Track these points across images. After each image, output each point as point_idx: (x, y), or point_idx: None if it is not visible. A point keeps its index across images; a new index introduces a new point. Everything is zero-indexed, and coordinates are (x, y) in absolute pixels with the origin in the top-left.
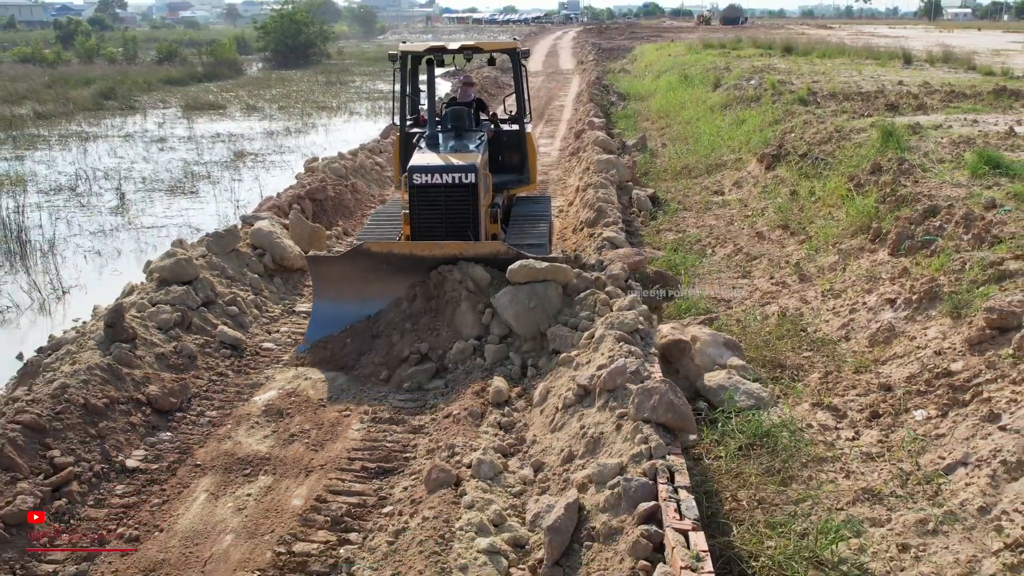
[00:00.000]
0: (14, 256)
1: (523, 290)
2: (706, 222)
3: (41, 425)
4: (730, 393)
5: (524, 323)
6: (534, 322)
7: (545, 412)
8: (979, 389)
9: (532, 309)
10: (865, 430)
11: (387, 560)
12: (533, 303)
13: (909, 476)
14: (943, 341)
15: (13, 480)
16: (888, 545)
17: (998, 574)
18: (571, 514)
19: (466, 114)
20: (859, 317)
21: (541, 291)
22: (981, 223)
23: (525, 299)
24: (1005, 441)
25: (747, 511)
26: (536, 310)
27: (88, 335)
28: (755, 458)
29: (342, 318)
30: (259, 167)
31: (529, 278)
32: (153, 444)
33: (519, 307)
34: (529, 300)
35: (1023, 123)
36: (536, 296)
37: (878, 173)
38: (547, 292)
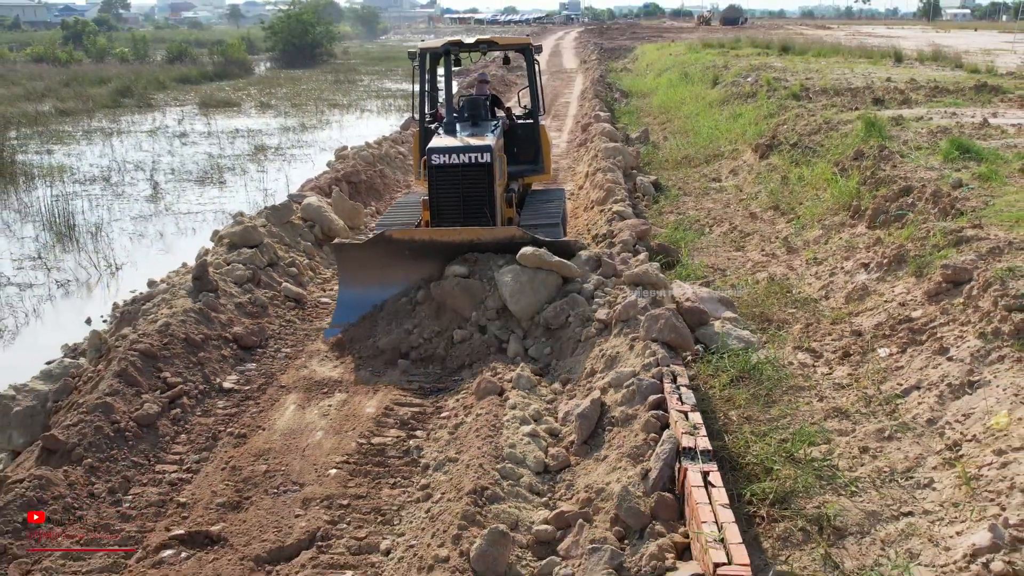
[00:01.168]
0: (64, 238)
1: (527, 272)
2: (704, 205)
3: (154, 352)
4: (723, 338)
5: (520, 303)
6: (530, 304)
7: (567, 347)
8: (934, 331)
9: (531, 291)
10: (837, 366)
11: (450, 444)
12: (533, 286)
13: (872, 399)
14: (907, 295)
15: (138, 393)
16: (851, 448)
17: (938, 466)
18: (595, 407)
19: (482, 103)
20: (837, 279)
21: (543, 277)
22: (947, 199)
23: (527, 281)
24: (951, 368)
25: (737, 425)
26: (535, 293)
27: (178, 287)
28: (744, 387)
29: (366, 303)
30: (280, 160)
31: (537, 265)
32: (242, 371)
33: (518, 287)
34: (531, 283)
35: (998, 115)
36: (537, 281)
37: (860, 159)
38: (547, 279)
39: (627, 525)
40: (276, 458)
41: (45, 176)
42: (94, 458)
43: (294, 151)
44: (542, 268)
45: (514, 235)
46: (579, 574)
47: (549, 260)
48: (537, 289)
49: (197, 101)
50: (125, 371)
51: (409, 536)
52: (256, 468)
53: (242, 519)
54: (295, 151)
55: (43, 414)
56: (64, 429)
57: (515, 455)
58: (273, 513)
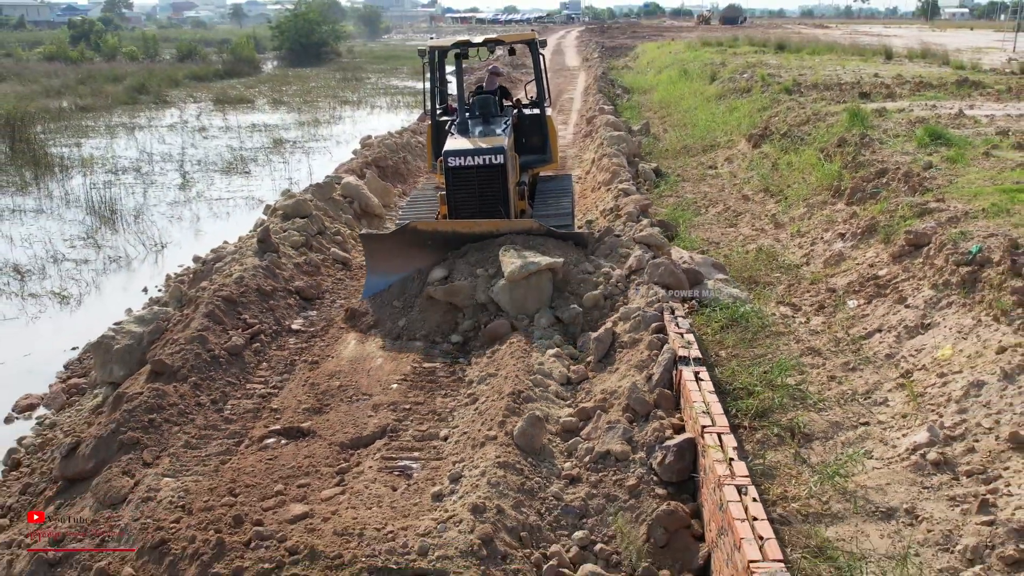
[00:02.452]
0: (108, 221)
1: (520, 285)
2: (701, 190)
3: (234, 298)
4: (716, 294)
5: (518, 308)
6: (532, 308)
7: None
8: (896, 285)
9: (527, 298)
10: (813, 317)
11: (489, 365)
12: (528, 293)
13: (840, 340)
14: (875, 258)
15: (224, 330)
16: (821, 377)
17: (892, 389)
18: (608, 334)
19: (492, 102)
20: (817, 248)
21: (535, 281)
22: (917, 179)
23: (521, 293)
24: (908, 314)
25: (726, 360)
26: (532, 299)
27: (245, 249)
28: (732, 332)
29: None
30: (300, 152)
31: (527, 275)
32: (306, 317)
33: (516, 298)
34: (525, 292)
35: (974, 107)
36: (531, 287)
37: (843, 145)
38: (540, 281)
39: (635, 411)
40: (346, 377)
41: (79, 167)
42: (196, 377)
43: (312, 144)
44: (532, 275)
45: (531, 227)
46: (598, 446)
47: (534, 268)
48: (532, 294)
49: (211, 98)
50: (213, 312)
51: (462, 427)
52: (331, 384)
53: (325, 419)
54: (313, 144)
55: (139, 351)
56: (169, 356)
57: (543, 370)
58: (350, 415)
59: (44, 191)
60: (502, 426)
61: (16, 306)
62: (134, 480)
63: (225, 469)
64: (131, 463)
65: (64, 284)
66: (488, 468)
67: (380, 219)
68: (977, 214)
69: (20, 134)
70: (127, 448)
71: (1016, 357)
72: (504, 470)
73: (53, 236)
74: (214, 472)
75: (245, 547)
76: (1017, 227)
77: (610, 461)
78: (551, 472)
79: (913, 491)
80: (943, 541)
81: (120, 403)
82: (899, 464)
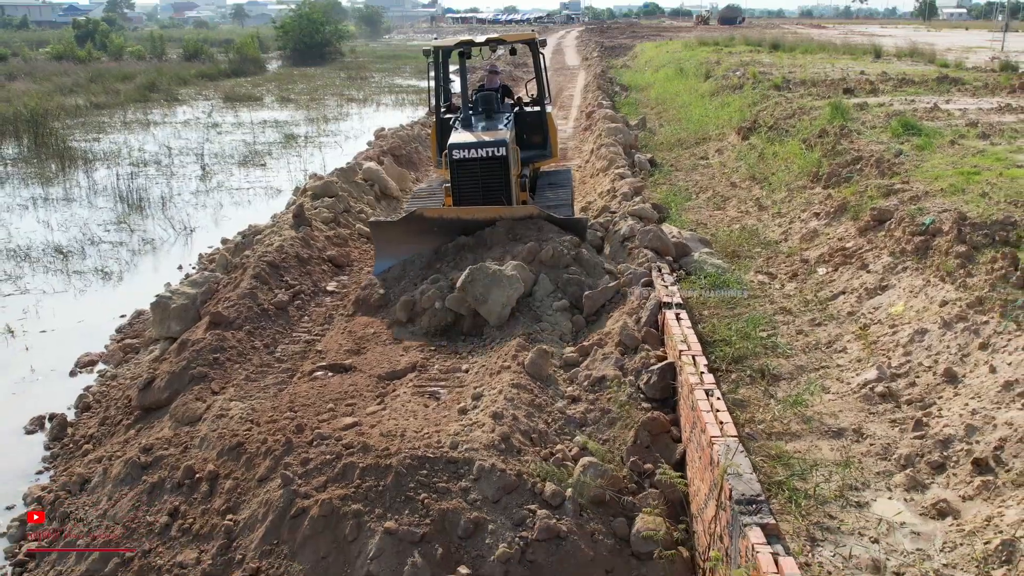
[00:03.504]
0: (137, 208)
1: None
2: (692, 178)
3: (276, 263)
4: (701, 264)
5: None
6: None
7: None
8: (861, 255)
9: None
10: (787, 283)
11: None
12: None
13: (809, 301)
14: (844, 233)
15: (270, 288)
16: (790, 331)
17: (851, 340)
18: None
19: (494, 98)
20: (795, 226)
21: (507, 284)
22: (887, 164)
23: (500, 297)
24: (868, 278)
25: (707, 318)
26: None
27: (281, 223)
28: (714, 294)
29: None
30: (312, 146)
31: (497, 283)
32: (339, 281)
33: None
34: (503, 299)
35: (950, 102)
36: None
37: (824, 136)
38: (512, 286)
39: (626, 346)
40: (379, 326)
41: (102, 160)
42: (250, 326)
43: (323, 139)
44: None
45: (532, 213)
46: (595, 372)
47: (505, 276)
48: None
49: (221, 96)
50: (259, 274)
51: (481, 361)
52: (366, 332)
53: (363, 358)
54: (324, 139)
55: (193, 309)
56: (225, 309)
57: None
58: (384, 355)
59: (73, 181)
60: (515, 358)
61: (63, 281)
62: (206, 404)
63: (283, 395)
64: (202, 392)
65: (104, 263)
66: (504, 388)
67: (398, 200)
68: (936, 193)
69: (42, 129)
70: (197, 380)
71: (955, 309)
72: (517, 389)
73: (87, 222)
74: (274, 397)
75: (309, 445)
76: (967, 203)
77: (604, 384)
78: (556, 394)
79: (861, 416)
80: (882, 452)
81: (185, 348)
82: (851, 396)
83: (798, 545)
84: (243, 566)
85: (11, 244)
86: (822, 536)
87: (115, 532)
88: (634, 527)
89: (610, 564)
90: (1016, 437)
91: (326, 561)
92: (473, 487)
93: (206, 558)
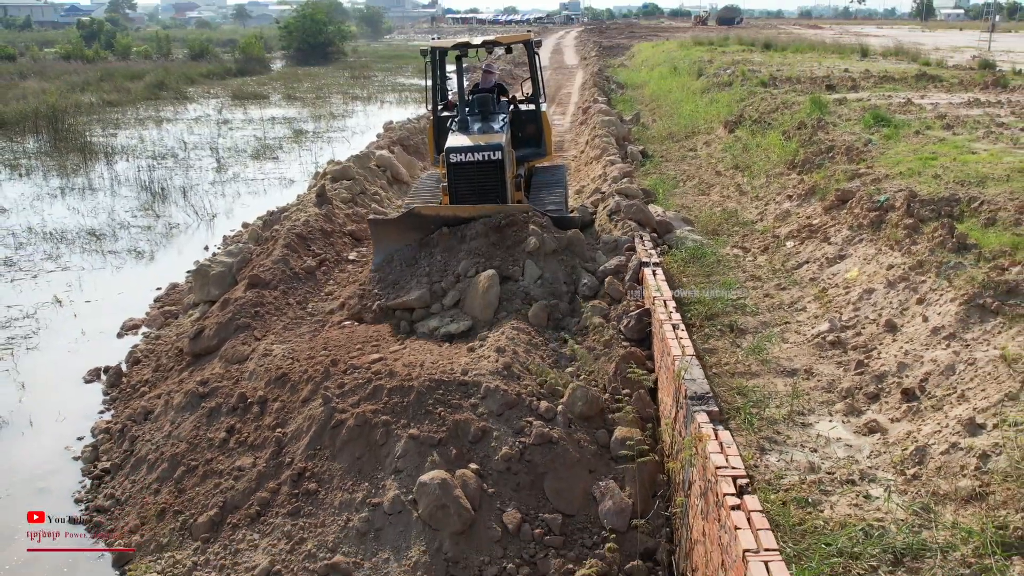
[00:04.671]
0: (160, 197)
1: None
2: (681, 168)
3: (303, 234)
4: (682, 239)
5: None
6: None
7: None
8: (824, 230)
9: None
10: (759, 256)
11: None
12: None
13: (777, 270)
14: (812, 211)
15: (299, 256)
16: (758, 294)
17: (811, 301)
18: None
19: (490, 100)
20: (770, 208)
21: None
22: (856, 152)
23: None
24: (829, 249)
25: (686, 284)
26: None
27: (305, 202)
28: (693, 265)
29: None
30: (320, 141)
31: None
32: (359, 251)
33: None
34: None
35: (924, 97)
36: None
37: (802, 128)
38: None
39: (612, 298)
40: None
41: (121, 153)
42: (283, 287)
43: (330, 134)
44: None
45: (525, 211)
46: (584, 322)
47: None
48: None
49: (228, 94)
50: (290, 243)
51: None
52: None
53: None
54: (331, 134)
55: (230, 275)
56: (261, 272)
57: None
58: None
59: (96, 173)
60: (513, 327)
61: (100, 260)
62: (251, 347)
63: (317, 339)
64: (246, 338)
65: (135, 244)
66: (507, 331)
67: (408, 185)
68: (895, 176)
69: (61, 124)
70: (241, 329)
71: (899, 271)
72: (517, 331)
73: (114, 208)
74: (309, 341)
75: (343, 373)
76: (920, 184)
77: (592, 329)
78: (551, 338)
79: (812, 359)
80: (827, 387)
81: (228, 304)
82: (805, 345)
83: (749, 453)
84: (292, 467)
85: (47, 228)
86: (770, 447)
87: (180, 448)
88: (613, 436)
89: (593, 465)
90: (938, 371)
91: (361, 461)
92: (481, 403)
93: (260, 462)
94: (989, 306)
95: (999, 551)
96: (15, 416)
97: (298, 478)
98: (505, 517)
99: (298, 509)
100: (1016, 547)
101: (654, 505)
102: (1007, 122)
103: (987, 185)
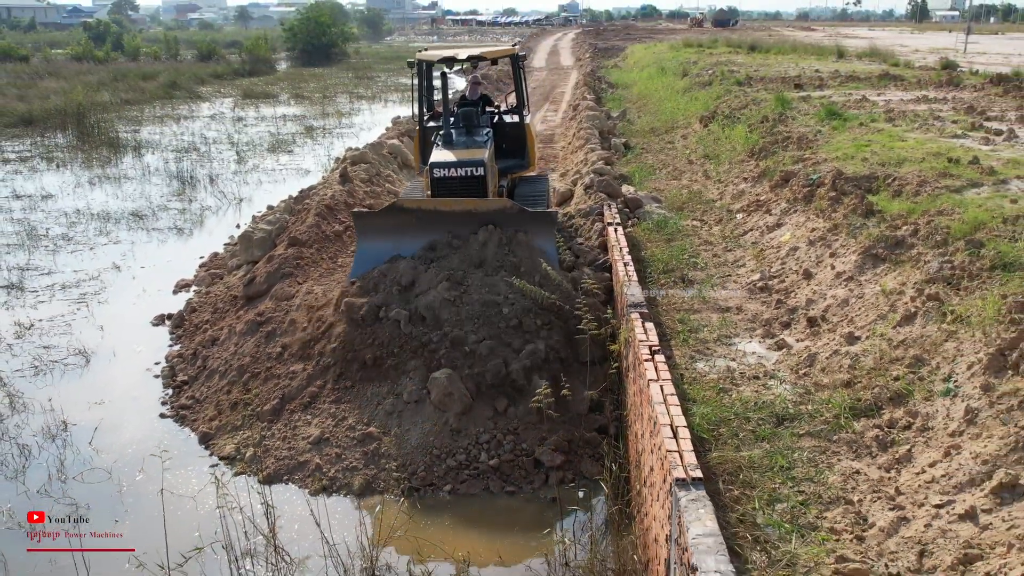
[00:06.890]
0: (189, 185)
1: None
2: (659, 158)
3: (331, 206)
4: (650, 214)
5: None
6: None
7: None
8: (768, 204)
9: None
10: (714, 226)
11: None
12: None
13: (726, 237)
14: (761, 190)
15: (328, 223)
16: (708, 255)
17: (749, 260)
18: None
19: (474, 114)
20: (728, 188)
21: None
22: (806, 141)
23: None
24: (770, 219)
25: (650, 250)
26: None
27: (330, 181)
28: (657, 234)
29: (380, 259)
30: (331, 136)
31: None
32: None
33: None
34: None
35: (882, 95)
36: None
37: (765, 122)
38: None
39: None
40: None
41: (146, 147)
42: (317, 245)
43: (340, 130)
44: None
45: (505, 206)
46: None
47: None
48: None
49: (239, 93)
50: (320, 212)
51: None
52: None
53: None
54: (341, 130)
55: (270, 240)
56: (299, 234)
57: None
58: None
59: (127, 164)
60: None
61: (145, 236)
62: (295, 289)
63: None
64: (291, 283)
65: (175, 222)
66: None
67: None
68: (831, 160)
69: (86, 121)
70: (286, 276)
71: (819, 233)
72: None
73: (150, 194)
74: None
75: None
76: (849, 165)
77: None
78: None
79: (743, 300)
80: (751, 318)
81: (273, 259)
82: (740, 291)
83: (683, 362)
84: (333, 369)
85: (94, 210)
86: (699, 357)
87: (245, 360)
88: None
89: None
90: (836, 304)
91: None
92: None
93: (309, 367)
94: (880, 255)
95: (850, 415)
96: (101, 349)
97: (338, 378)
98: (496, 403)
99: (340, 398)
100: (864, 413)
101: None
102: (944, 115)
103: (903, 165)
